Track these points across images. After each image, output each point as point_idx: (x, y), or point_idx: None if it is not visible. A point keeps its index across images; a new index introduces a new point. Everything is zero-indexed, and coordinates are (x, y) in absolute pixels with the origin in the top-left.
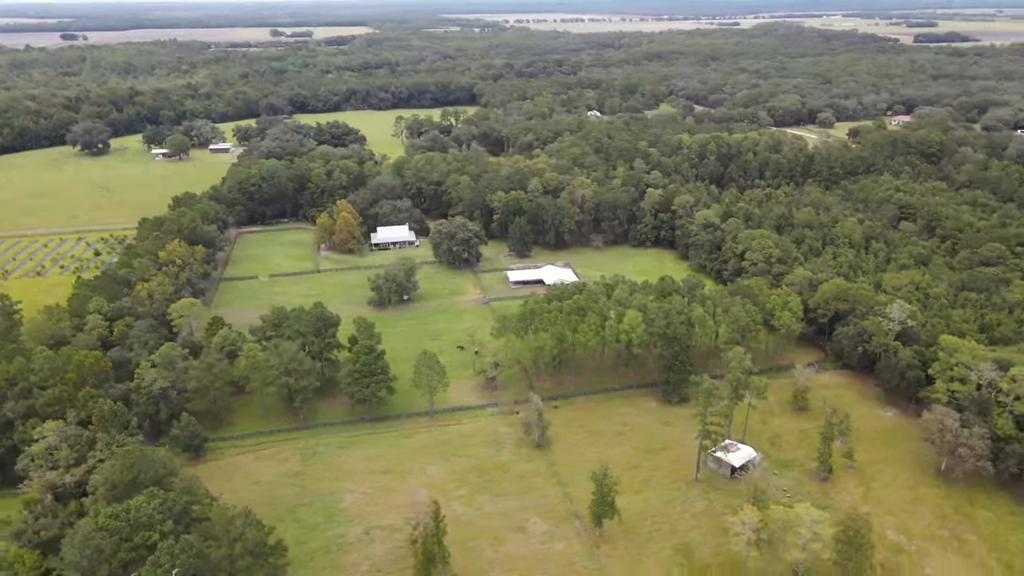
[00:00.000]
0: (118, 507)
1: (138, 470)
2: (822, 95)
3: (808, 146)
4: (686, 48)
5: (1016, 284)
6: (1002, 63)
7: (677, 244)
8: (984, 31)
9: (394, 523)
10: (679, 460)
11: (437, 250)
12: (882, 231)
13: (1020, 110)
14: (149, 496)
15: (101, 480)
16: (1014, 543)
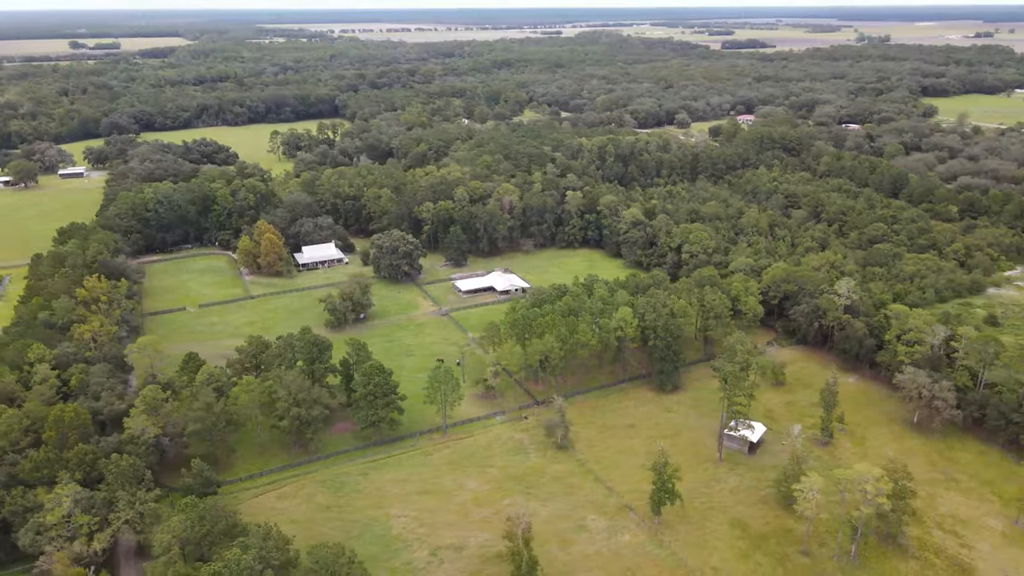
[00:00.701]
0: (218, 565)
1: (210, 523)
2: (675, 98)
3: (689, 144)
4: (531, 56)
5: (907, 257)
6: (806, 66)
7: (606, 243)
8: (774, 38)
9: (454, 541)
10: (695, 443)
11: (377, 265)
12: (780, 219)
13: (841, 107)
14: (242, 547)
15: (170, 539)
16: (995, 477)
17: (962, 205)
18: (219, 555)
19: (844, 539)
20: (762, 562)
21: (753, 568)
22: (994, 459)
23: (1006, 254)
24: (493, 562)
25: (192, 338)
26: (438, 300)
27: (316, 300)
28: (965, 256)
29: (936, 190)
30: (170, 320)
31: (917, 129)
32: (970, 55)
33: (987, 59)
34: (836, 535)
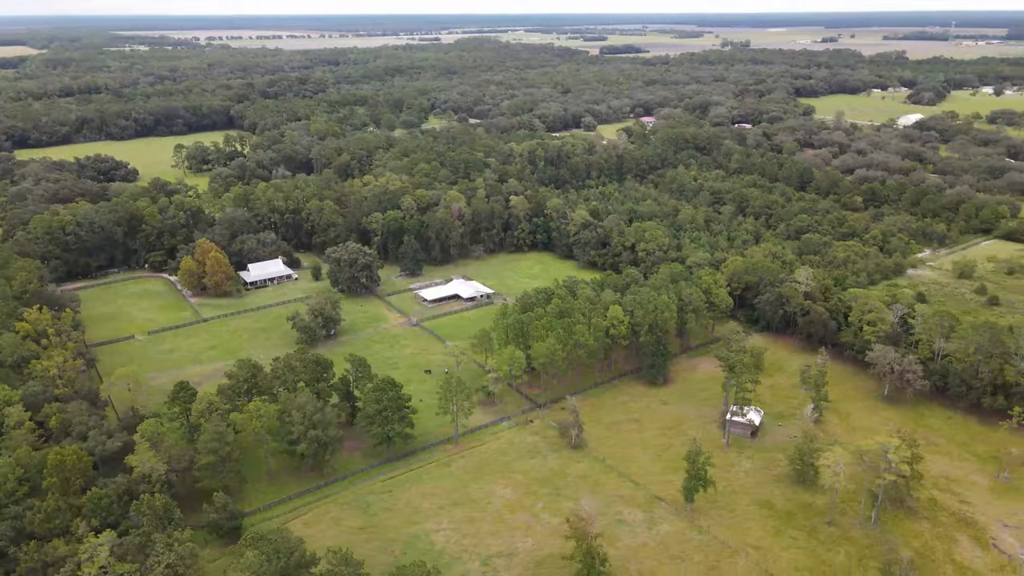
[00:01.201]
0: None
1: (286, 555)
2: (577, 102)
3: (612, 147)
4: (422, 63)
5: (836, 245)
6: (687, 70)
7: (555, 246)
8: (646, 43)
9: (502, 549)
10: (699, 432)
11: (335, 279)
12: (712, 215)
13: (732, 108)
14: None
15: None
16: (966, 439)
17: (865, 195)
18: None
19: (864, 507)
20: (795, 536)
21: (788, 543)
22: (960, 423)
23: (914, 238)
24: (547, 565)
25: (152, 367)
26: (405, 311)
27: (276, 319)
28: (883, 242)
29: (840, 183)
30: (121, 350)
31: (806, 127)
32: (827, 58)
33: (842, 62)
34: (856, 504)
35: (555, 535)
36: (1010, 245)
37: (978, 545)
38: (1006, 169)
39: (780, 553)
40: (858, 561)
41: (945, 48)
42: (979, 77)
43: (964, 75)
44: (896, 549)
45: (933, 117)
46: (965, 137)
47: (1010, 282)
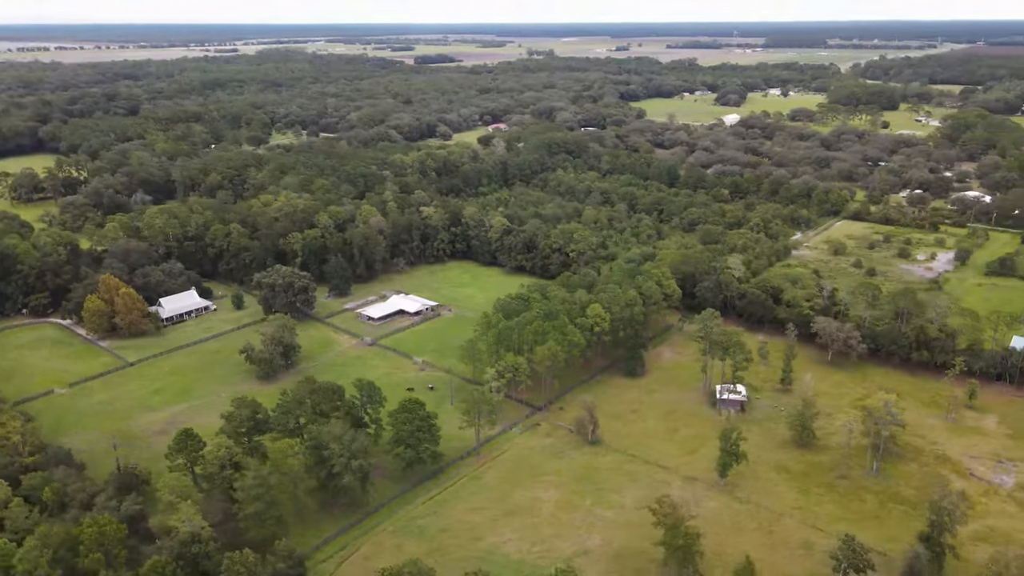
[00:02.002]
0: None
1: None
2: (425, 111)
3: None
4: (241, 76)
5: (729, 235)
6: (514, 77)
7: (477, 253)
8: (455, 52)
9: (576, 549)
10: (692, 413)
11: (270, 305)
12: (611, 213)
13: (576, 113)
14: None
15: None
16: (907, 389)
17: (730, 188)
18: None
19: (864, 458)
20: (820, 492)
21: (817, 499)
22: (897, 377)
23: (785, 223)
24: (626, 557)
25: (94, 422)
26: (354, 332)
27: (216, 354)
28: (764, 228)
29: (705, 178)
30: (46, 407)
31: (652, 128)
32: (634, 65)
33: (646, 68)
34: (853, 458)
35: (618, 528)
36: (857, 224)
37: (960, 477)
38: (831, 159)
39: (816, 509)
40: (880, 505)
41: (727, 55)
42: (764, 80)
43: (753, 79)
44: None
45: (752, 116)
46: (783, 133)
47: (874, 255)
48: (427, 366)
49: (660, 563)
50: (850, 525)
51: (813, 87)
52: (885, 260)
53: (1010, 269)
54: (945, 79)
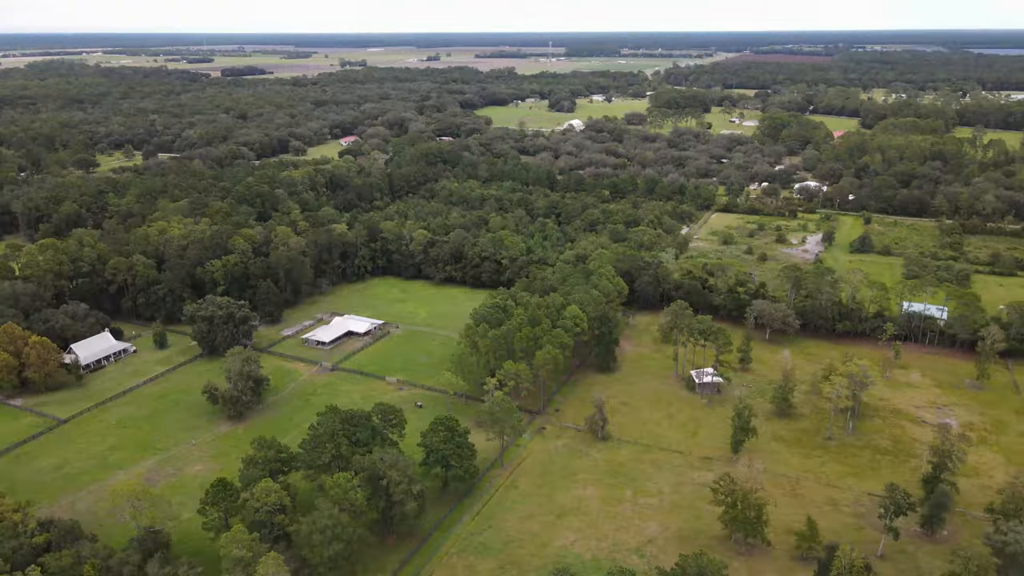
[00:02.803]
0: None
1: None
2: (269, 126)
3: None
4: (27, 91)
5: (634, 231)
6: (343, 89)
7: (400, 267)
8: (265, 64)
9: (639, 539)
10: (677, 399)
11: (210, 340)
12: (515, 220)
13: (428, 123)
14: None
15: None
16: (839, 355)
17: (610, 189)
18: None
19: (837, 420)
20: (817, 453)
21: (819, 461)
22: (827, 347)
23: (672, 218)
24: (690, 539)
25: (58, 491)
26: (307, 358)
27: (160, 399)
28: (658, 224)
29: (584, 181)
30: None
31: (511, 135)
32: (459, 75)
33: (471, 77)
34: (825, 421)
35: (668, 513)
36: (729, 215)
37: (916, 424)
38: (685, 159)
39: (822, 469)
40: (871, 457)
41: (538, 64)
42: (586, 87)
43: (575, 86)
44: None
45: (596, 121)
46: (629, 136)
47: (755, 242)
48: (403, 385)
49: (724, 538)
50: (857, 479)
51: (630, 93)
52: (767, 246)
53: (869, 246)
54: (737, 84)
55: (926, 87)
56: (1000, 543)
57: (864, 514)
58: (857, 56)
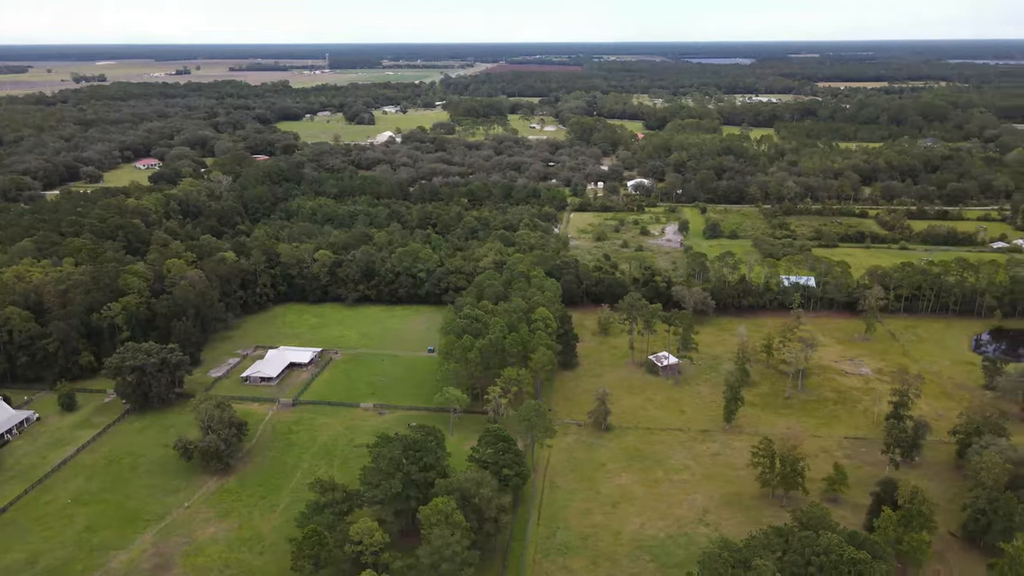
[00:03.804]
0: None
1: None
2: (49, 151)
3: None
4: None
5: (519, 234)
6: (104, 108)
7: (305, 291)
8: None
9: (695, 510)
10: (646, 383)
11: (143, 393)
12: (399, 233)
13: (236, 140)
14: None
15: None
16: (755, 327)
17: (468, 196)
18: None
19: (784, 381)
20: (786, 412)
21: (794, 420)
22: (738, 321)
23: (540, 220)
24: (739, 500)
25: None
26: (260, 397)
27: (115, 465)
28: (534, 226)
29: (439, 190)
30: None
31: (335, 149)
32: (234, 89)
33: (248, 92)
34: (780, 383)
35: (706, 483)
36: (586, 214)
37: (844, 375)
38: (522, 164)
39: (801, 424)
40: (833, 407)
41: (303, 77)
42: (375, 99)
43: (364, 98)
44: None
45: (414, 131)
46: (451, 144)
47: (623, 236)
48: (383, 409)
49: (763, 495)
50: (829, 428)
51: (421, 103)
52: (635, 239)
53: (720, 232)
54: (516, 92)
55: (678, 92)
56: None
57: (852, 455)
58: (607, 65)
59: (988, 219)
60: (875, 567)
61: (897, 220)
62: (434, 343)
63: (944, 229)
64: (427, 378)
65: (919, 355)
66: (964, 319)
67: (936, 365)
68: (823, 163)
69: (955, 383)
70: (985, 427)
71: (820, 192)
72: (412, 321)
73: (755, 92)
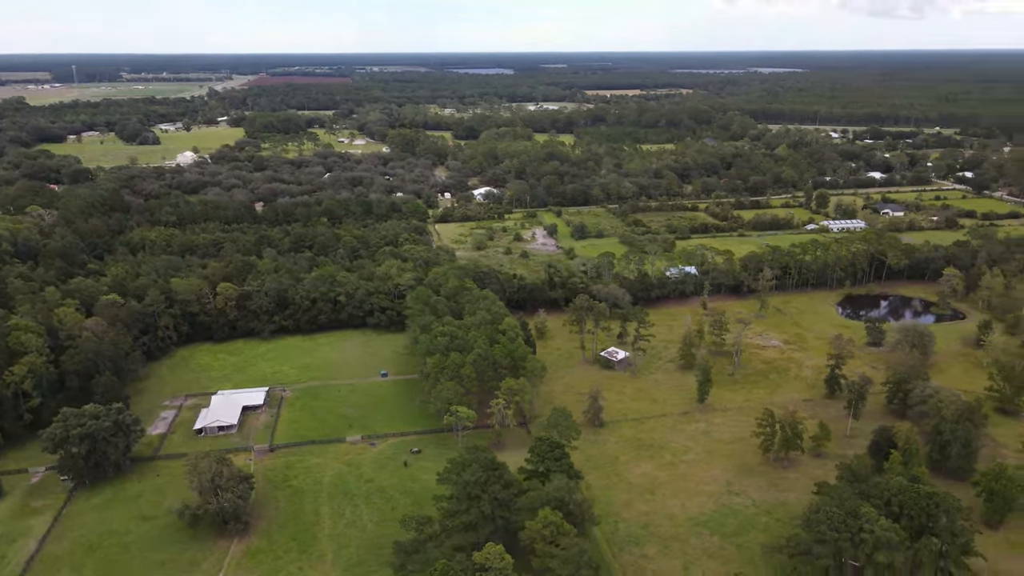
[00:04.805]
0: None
1: None
2: None
3: None
4: None
5: (403, 250)
6: None
7: (212, 329)
8: None
9: (718, 481)
10: (608, 378)
11: (90, 464)
12: (288, 259)
13: (4, 168)
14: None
15: None
16: (666, 317)
17: (326, 215)
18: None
19: (722, 362)
20: (738, 387)
21: (745, 392)
22: (653, 312)
23: (414, 233)
24: (749, 466)
25: None
26: (228, 447)
27: (94, 553)
28: (408, 241)
29: (292, 210)
30: None
31: (146, 173)
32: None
33: None
34: (721, 362)
35: (715, 458)
36: (450, 225)
37: (764, 350)
38: (362, 179)
39: (754, 395)
40: (775, 379)
41: (51, 93)
42: (146, 116)
43: (137, 115)
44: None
45: (222, 150)
46: (272, 162)
47: (502, 243)
48: (372, 439)
49: (764, 460)
50: (780, 395)
51: (202, 120)
52: (515, 245)
53: (587, 233)
54: (299, 105)
55: (464, 101)
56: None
57: (816, 414)
58: (377, 77)
59: (789, 206)
60: (949, 496)
61: (726, 211)
62: (384, 367)
63: (768, 217)
64: (398, 402)
65: (807, 324)
66: (821, 291)
67: (823, 330)
68: (643, 164)
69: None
70: (910, 376)
71: (652, 190)
72: (344, 348)
73: (533, 100)
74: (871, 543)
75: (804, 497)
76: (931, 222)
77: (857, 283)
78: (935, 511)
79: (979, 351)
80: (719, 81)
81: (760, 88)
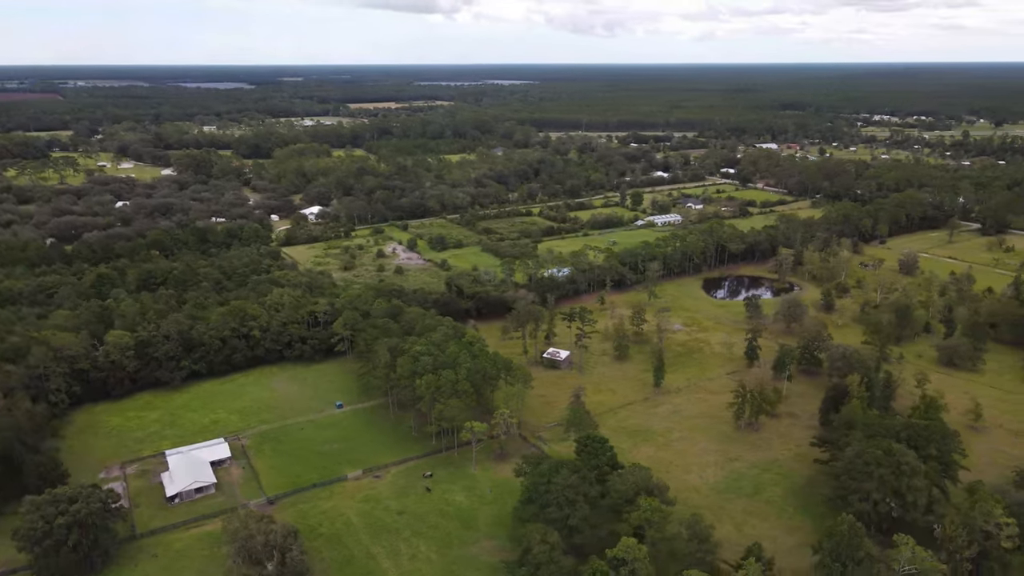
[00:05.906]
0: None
1: None
2: None
3: None
4: None
5: (277, 275)
6: None
7: (108, 386)
8: None
9: (709, 451)
10: (559, 377)
11: (79, 557)
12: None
13: None
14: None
15: None
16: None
17: (155, 248)
18: None
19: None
20: (677, 368)
21: (683, 374)
22: (557, 310)
23: (269, 260)
24: (722, 433)
25: None
26: (217, 510)
27: None
28: (274, 267)
29: (113, 247)
30: None
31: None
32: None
33: None
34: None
35: (696, 432)
36: (299, 247)
37: (674, 333)
38: (172, 206)
39: (704, 376)
40: (696, 358)
41: None
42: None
43: None
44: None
45: None
46: (36, 192)
47: (368, 261)
48: (375, 472)
49: (741, 424)
50: (714, 371)
51: None
52: (387, 261)
53: (447, 244)
54: (11, 126)
55: (225, 118)
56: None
57: (748, 383)
58: (93, 92)
59: (608, 205)
60: (944, 427)
61: (562, 214)
62: (329, 398)
63: (603, 216)
64: (372, 431)
65: (691, 308)
66: (683, 278)
67: (708, 312)
68: (464, 175)
69: (730, 320)
70: (817, 340)
71: (482, 199)
72: (273, 385)
73: (297, 115)
74: (908, 472)
75: (787, 452)
76: (729, 212)
77: (709, 268)
78: (937, 440)
79: (832, 315)
80: (472, 93)
81: (515, 99)
